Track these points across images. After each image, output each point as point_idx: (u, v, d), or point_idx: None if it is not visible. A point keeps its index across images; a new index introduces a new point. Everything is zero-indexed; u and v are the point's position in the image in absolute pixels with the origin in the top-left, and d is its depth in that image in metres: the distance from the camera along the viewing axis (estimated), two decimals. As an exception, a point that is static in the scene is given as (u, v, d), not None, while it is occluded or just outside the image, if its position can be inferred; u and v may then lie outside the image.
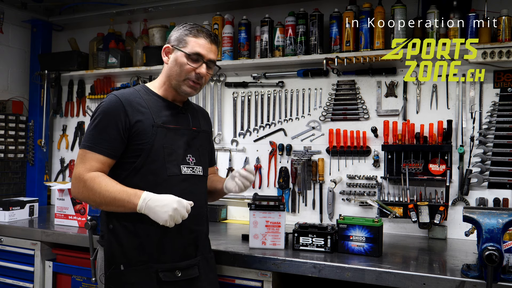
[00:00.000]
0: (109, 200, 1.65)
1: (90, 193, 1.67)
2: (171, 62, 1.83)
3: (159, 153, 1.75)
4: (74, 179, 1.71)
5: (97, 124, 1.73)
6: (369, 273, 1.89)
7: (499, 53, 2.36)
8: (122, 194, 1.65)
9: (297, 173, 2.92)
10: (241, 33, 3.02)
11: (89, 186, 1.67)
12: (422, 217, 2.44)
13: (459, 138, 2.59)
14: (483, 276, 1.70)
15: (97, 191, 1.66)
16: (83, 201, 1.75)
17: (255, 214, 2.19)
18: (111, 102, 1.74)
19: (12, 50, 3.75)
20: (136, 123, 1.73)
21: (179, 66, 1.79)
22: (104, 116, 1.72)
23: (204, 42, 1.81)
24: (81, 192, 1.69)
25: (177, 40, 1.82)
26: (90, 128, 1.74)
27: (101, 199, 1.66)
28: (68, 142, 3.79)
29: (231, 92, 3.19)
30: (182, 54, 1.79)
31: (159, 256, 1.74)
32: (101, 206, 1.70)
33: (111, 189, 1.66)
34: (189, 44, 1.79)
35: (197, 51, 1.79)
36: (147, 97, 1.81)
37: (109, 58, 3.40)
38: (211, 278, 1.93)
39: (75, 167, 1.72)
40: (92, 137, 1.72)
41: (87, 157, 1.70)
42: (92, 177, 1.67)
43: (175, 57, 1.81)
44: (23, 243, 2.69)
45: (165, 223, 1.62)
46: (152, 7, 3.23)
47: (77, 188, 1.70)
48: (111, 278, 1.72)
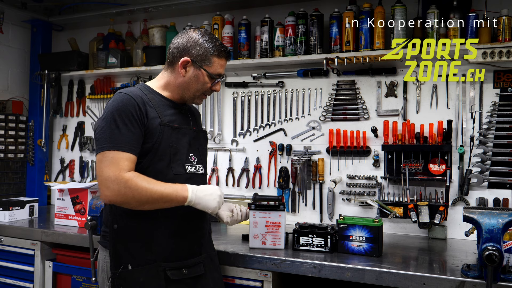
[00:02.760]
0: (156, 196, 1.64)
1: (134, 193, 1.61)
2: (191, 77, 1.82)
3: (166, 152, 1.75)
4: (110, 182, 1.61)
5: (116, 122, 1.66)
6: (369, 273, 1.89)
7: (499, 53, 2.36)
8: (168, 189, 1.66)
9: (297, 173, 2.92)
10: (241, 33, 3.02)
11: (132, 186, 1.61)
12: (422, 217, 2.44)
13: (459, 138, 2.59)
14: (483, 276, 1.70)
15: (143, 189, 1.62)
16: (121, 202, 1.64)
17: (255, 214, 2.19)
18: (124, 100, 1.70)
19: (12, 50, 3.75)
20: (148, 121, 1.72)
21: (201, 84, 1.83)
22: (121, 114, 1.67)
23: (225, 63, 1.87)
24: (122, 194, 1.61)
25: (200, 57, 1.81)
26: (108, 128, 1.66)
27: (147, 197, 1.63)
28: (68, 142, 3.79)
29: (231, 92, 3.19)
30: (205, 74, 1.81)
31: (166, 255, 1.75)
32: (146, 204, 1.65)
33: (156, 186, 1.64)
34: (214, 65, 1.82)
35: (219, 72, 1.85)
36: (151, 96, 1.81)
37: (109, 58, 3.40)
38: (216, 276, 1.95)
39: (104, 170, 1.63)
40: (114, 136, 1.65)
41: (117, 157, 1.63)
42: (132, 176, 1.62)
43: (196, 74, 1.81)
44: (23, 243, 2.69)
45: (214, 210, 1.75)
46: (152, 7, 3.23)
47: (115, 191, 1.61)
48: (120, 278, 1.71)
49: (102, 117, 1.72)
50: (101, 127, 1.69)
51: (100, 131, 1.69)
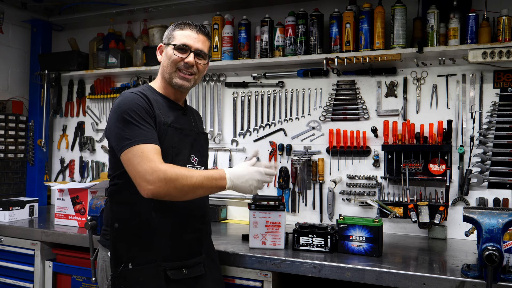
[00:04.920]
0: (198, 185, 1.63)
1: (176, 183, 1.59)
2: (163, 58, 1.88)
3: (168, 153, 1.74)
4: (149, 175, 1.57)
5: (134, 119, 1.65)
6: (369, 273, 1.88)
7: (499, 53, 2.36)
8: (208, 177, 1.66)
9: (297, 173, 2.92)
10: (241, 33, 3.02)
11: (172, 176, 1.58)
12: (422, 217, 2.44)
13: (459, 138, 2.59)
14: (483, 276, 1.70)
15: (183, 178, 1.60)
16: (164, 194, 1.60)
17: (255, 214, 2.19)
18: (134, 98, 1.71)
19: (12, 50, 3.75)
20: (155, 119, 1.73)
21: (169, 58, 1.83)
22: (135, 110, 1.67)
23: (190, 33, 1.85)
24: (163, 185, 1.58)
25: (167, 37, 1.88)
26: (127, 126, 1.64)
27: (189, 186, 1.61)
28: (68, 142, 3.79)
29: (231, 92, 3.19)
30: (171, 48, 1.83)
31: (166, 254, 1.75)
32: (188, 194, 1.64)
33: (195, 175, 1.64)
34: (177, 37, 1.84)
35: (183, 42, 1.83)
36: (154, 97, 1.82)
37: (109, 58, 3.40)
38: (216, 276, 1.95)
39: (138, 165, 1.59)
40: (136, 132, 1.63)
41: (147, 150, 1.61)
42: (169, 167, 1.61)
43: (165, 52, 1.86)
44: (23, 243, 2.69)
45: (251, 193, 1.78)
46: (152, 7, 3.23)
47: (156, 182, 1.57)
48: (120, 277, 1.71)
49: (114, 118, 1.69)
50: (117, 127, 1.67)
51: (118, 131, 1.66)
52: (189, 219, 1.81)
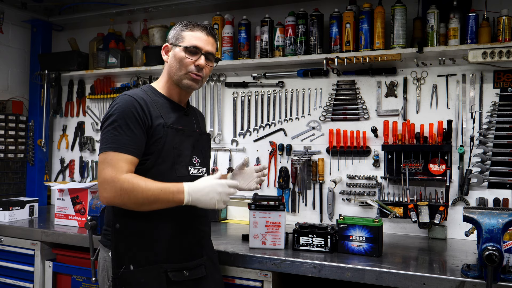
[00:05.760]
0: (153, 199, 1.62)
1: (130, 195, 1.61)
2: (170, 59, 1.85)
3: (169, 154, 1.75)
4: (106, 183, 1.62)
5: (118, 124, 1.66)
6: (369, 273, 1.88)
7: (499, 53, 2.36)
8: (165, 190, 1.64)
9: (297, 173, 2.92)
10: (241, 33, 3.02)
11: (128, 188, 1.60)
12: (422, 217, 2.44)
13: (459, 138, 2.59)
14: (483, 276, 1.70)
15: (139, 191, 1.61)
16: (119, 204, 1.64)
17: (255, 214, 2.19)
18: (128, 102, 1.70)
19: (12, 50, 3.75)
20: (152, 123, 1.72)
21: (178, 60, 1.81)
22: (124, 115, 1.67)
23: (200, 35, 1.83)
24: (118, 196, 1.61)
25: (174, 37, 1.85)
26: (110, 129, 1.67)
27: (143, 199, 1.62)
28: (68, 142, 3.79)
29: (231, 92, 3.19)
30: (180, 49, 1.81)
31: (168, 256, 1.74)
32: (143, 206, 1.64)
33: (152, 187, 1.62)
34: (186, 38, 1.82)
35: (194, 44, 1.81)
36: (155, 98, 1.81)
37: (109, 58, 3.40)
38: (217, 278, 1.95)
39: (102, 171, 1.63)
40: (115, 138, 1.65)
41: (115, 158, 1.63)
42: (128, 178, 1.61)
43: (173, 53, 1.83)
44: (23, 243, 2.69)
45: (214, 207, 1.69)
46: (152, 7, 3.23)
47: (111, 192, 1.61)
48: (121, 278, 1.71)
49: (105, 118, 1.72)
50: (105, 127, 1.70)
51: (104, 132, 1.69)
52: (191, 220, 1.81)
